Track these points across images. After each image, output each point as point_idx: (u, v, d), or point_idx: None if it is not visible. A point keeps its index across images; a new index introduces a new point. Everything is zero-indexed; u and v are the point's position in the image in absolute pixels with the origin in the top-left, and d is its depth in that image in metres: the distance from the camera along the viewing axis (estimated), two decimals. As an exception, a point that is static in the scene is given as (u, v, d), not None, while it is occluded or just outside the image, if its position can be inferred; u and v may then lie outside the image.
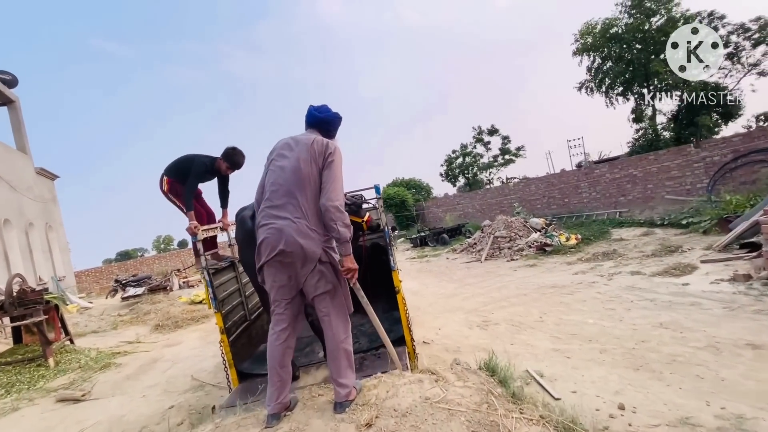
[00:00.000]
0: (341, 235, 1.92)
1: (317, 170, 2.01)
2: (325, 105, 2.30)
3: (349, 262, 2.00)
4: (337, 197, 1.96)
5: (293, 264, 1.94)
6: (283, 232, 1.93)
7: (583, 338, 3.73)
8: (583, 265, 6.79)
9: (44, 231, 10.95)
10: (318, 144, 2.06)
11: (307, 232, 1.94)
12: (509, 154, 25.25)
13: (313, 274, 1.96)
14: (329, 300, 2.01)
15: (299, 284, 1.99)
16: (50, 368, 5.02)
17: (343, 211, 1.95)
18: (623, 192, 11.08)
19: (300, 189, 2.00)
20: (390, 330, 3.17)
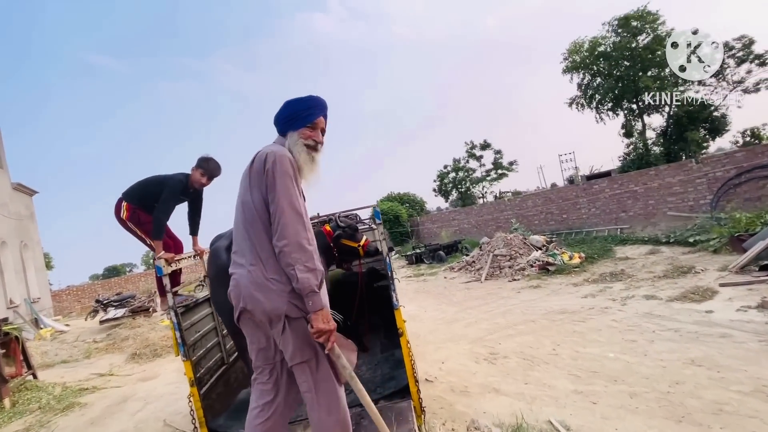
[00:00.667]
0: (302, 285, 1.43)
1: (261, 198, 1.53)
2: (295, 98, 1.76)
3: (320, 321, 1.44)
4: (291, 232, 1.46)
5: (260, 324, 1.51)
6: (240, 285, 1.51)
7: (607, 377, 3.32)
8: (590, 287, 6.42)
9: (18, 250, 10.33)
10: (257, 162, 1.57)
11: (263, 283, 1.49)
12: (502, 168, 25.21)
13: (284, 337, 1.50)
14: (309, 372, 1.53)
15: (275, 347, 1.55)
16: (5, 410, 4.46)
17: (303, 248, 1.46)
18: (624, 208, 10.85)
19: (252, 226, 1.54)
20: (391, 377, 2.74)
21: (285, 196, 1.48)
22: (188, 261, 2.85)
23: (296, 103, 1.72)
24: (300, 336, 1.49)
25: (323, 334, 1.45)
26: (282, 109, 1.73)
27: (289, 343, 1.50)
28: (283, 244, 1.44)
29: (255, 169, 1.55)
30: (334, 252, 3.49)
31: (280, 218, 1.46)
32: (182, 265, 2.72)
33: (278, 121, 1.74)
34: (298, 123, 1.70)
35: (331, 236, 3.44)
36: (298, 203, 1.51)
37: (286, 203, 1.48)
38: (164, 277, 2.32)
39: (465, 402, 3.23)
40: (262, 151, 1.60)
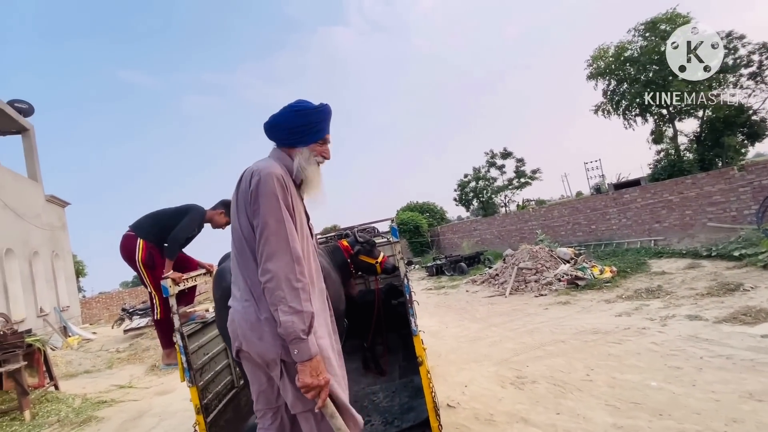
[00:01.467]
0: (285, 330, 1.21)
1: (248, 223, 1.33)
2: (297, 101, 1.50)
3: (307, 375, 1.22)
4: (275, 265, 1.24)
5: (254, 366, 1.35)
6: (234, 323, 1.35)
7: (650, 410, 2.98)
8: (625, 305, 5.99)
9: (50, 259, 10.70)
10: (243, 182, 1.36)
11: (255, 324, 1.31)
12: (524, 176, 24.59)
13: (283, 382, 1.31)
14: (314, 422, 1.33)
15: (276, 389, 1.38)
16: (25, 422, 4.47)
17: (290, 285, 1.23)
18: (658, 218, 10.24)
19: (241, 256, 1.37)
20: (410, 407, 2.53)
21: (269, 222, 1.26)
22: (200, 278, 2.75)
23: (311, 114, 1.45)
24: (296, 387, 1.29)
25: (311, 389, 1.23)
26: (291, 118, 1.45)
27: (288, 389, 1.31)
28: (266, 279, 1.23)
29: (242, 189, 1.35)
30: (351, 268, 3.33)
31: (264, 248, 1.26)
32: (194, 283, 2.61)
33: (282, 130, 1.47)
34: (311, 137, 1.47)
35: (349, 252, 3.28)
36: (285, 229, 1.28)
37: (271, 230, 1.26)
38: (172, 298, 2.21)
39: (491, 433, 2.97)
40: (250, 169, 1.39)
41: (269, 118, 1.49)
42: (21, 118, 10.72)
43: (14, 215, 9.04)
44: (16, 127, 10.79)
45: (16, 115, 10.47)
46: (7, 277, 8.26)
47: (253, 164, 1.42)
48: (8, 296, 8.23)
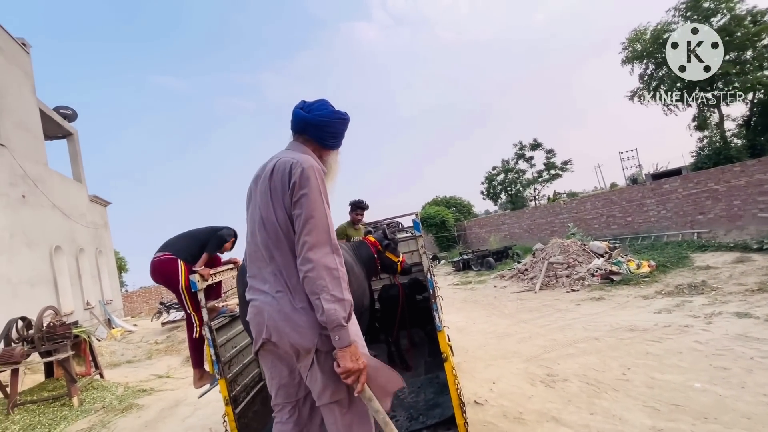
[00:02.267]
0: (327, 317, 1.22)
1: (285, 215, 1.34)
2: (321, 100, 1.55)
3: (348, 360, 1.24)
4: (317, 255, 1.26)
5: (289, 355, 1.33)
6: (263, 314, 1.34)
7: (694, 413, 2.80)
8: (665, 301, 5.67)
9: (94, 256, 11.37)
10: (279, 173, 1.36)
11: (290, 314, 1.30)
12: (555, 168, 23.72)
13: (312, 373, 1.31)
14: (339, 414, 1.33)
15: (300, 382, 1.38)
16: (73, 408, 4.78)
17: (331, 274, 1.26)
18: (701, 209, 9.61)
19: (277, 249, 1.35)
20: (436, 403, 2.49)
21: (314, 214, 1.29)
22: (227, 273, 2.81)
23: (347, 123, 1.57)
24: (331, 372, 1.30)
25: (352, 374, 1.25)
26: (336, 123, 1.52)
27: (318, 380, 1.31)
28: (308, 269, 1.25)
29: (278, 180, 1.35)
30: (377, 264, 3.30)
31: (306, 238, 1.27)
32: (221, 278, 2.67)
33: (325, 131, 1.51)
34: (339, 142, 1.58)
35: (377, 247, 3.25)
36: (328, 222, 1.33)
37: (315, 222, 1.29)
38: (200, 292, 2.27)
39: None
40: (284, 160, 1.38)
41: (310, 115, 1.50)
42: (66, 123, 11.41)
43: (62, 215, 9.66)
44: (62, 132, 11.50)
45: (62, 120, 11.16)
46: (57, 272, 8.85)
47: (283, 155, 1.43)
48: (58, 290, 8.82)
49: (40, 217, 8.71)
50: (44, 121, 9.96)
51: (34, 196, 8.58)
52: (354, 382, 1.26)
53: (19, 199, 8.04)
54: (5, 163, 7.79)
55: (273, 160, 1.43)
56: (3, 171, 7.69)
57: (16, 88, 8.79)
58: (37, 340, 4.89)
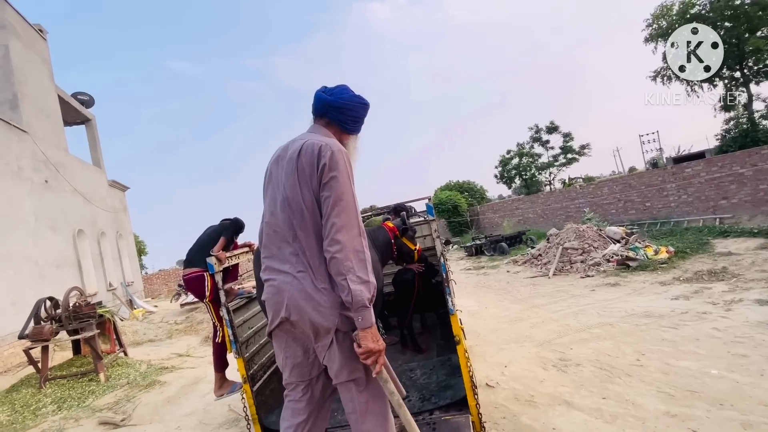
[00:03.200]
0: (354, 297, 1.24)
1: (312, 196, 1.36)
2: (342, 86, 1.57)
3: (369, 340, 1.26)
4: (346, 237, 1.29)
5: (306, 335, 1.35)
6: (283, 293, 1.35)
7: (710, 399, 2.77)
8: (683, 287, 5.57)
9: (115, 239, 11.72)
10: (307, 155, 1.37)
11: (312, 294, 1.32)
12: (572, 152, 23.16)
13: (330, 352, 1.33)
14: (357, 390, 1.36)
15: (316, 361, 1.40)
16: (100, 383, 5.01)
17: (358, 256, 1.28)
18: (725, 194, 9.30)
19: (302, 229, 1.36)
20: (448, 385, 2.52)
21: (343, 197, 1.32)
22: (243, 256, 2.87)
23: (366, 107, 1.59)
24: (349, 352, 1.33)
25: (372, 354, 1.27)
26: (359, 108, 1.55)
27: (336, 359, 1.33)
28: (335, 250, 1.27)
29: (306, 162, 1.36)
30: (393, 249, 3.31)
31: (335, 220, 1.29)
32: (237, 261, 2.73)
33: (348, 115, 1.54)
34: (359, 127, 1.60)
35: (395, 233, 3.26)
36: (355, 204, 1.35)
37: (344, 204, 1.31)
38: (218, 275, 2.33)
39: (531, 414, 2.91)
40: (311, 142, 1.40)
41: (333, 97, 1.52)
42: (84, 109, 11.61)
43: (83, 199, 9.94)
44: (80, 118, 11.73)
45: (80, 106, 11.36)
46: (80, 255, 9.18)
47: (308, 138, 1.44)
48: (82, 272, 9.17)
49: (63, 202, 8.98)
50: (63, 107, 10.15)
51: (56, 181, 8.83)
52: (373, 363, 1.28)
53: (43, 184, 8.29)
54: (28, 149, 8.01)
55: (298, 142, 1.44)
56: (26, 157, 7.91)
57: (35, 74, 8.96)
58: (65, 319, 5.11)
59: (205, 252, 2.68)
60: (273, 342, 1.46)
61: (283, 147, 1.50)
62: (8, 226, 6.95)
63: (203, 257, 2.61)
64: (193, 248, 2.84)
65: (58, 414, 4.40)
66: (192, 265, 2.76)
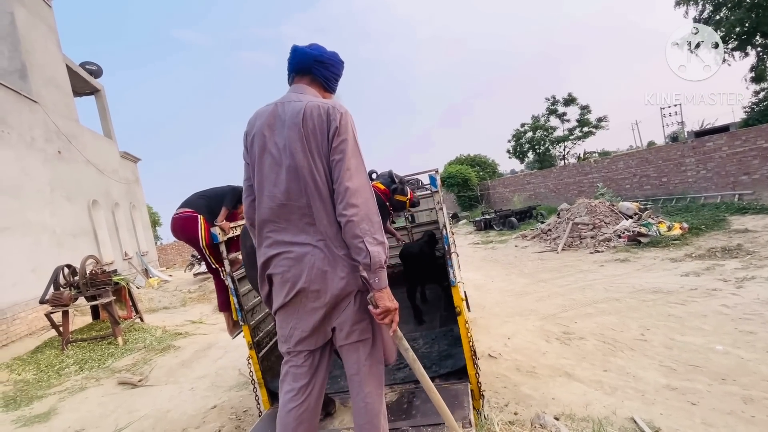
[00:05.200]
0: (373, 259, 1.25)
1: (322, 161, 1.32)
2: (315, 44, 1.50)
3: (386, 299, 1.29)
4: (361, 200, 1.28)
5: (321, 306, 1.34)
6: (302, 263, 1.32)
7: (712, 374, 2.78)
8: (694, 264, 5.48)
9: (129, 210, 11.95)
10: (314, 118, 1.32)
11: (335, 259, 1.32)
12: (588, 125, 22.43)
13: (346, 313, 1.35)
14: (363, 352, 1.38)
15: (328, 331, 1.40)
16: (119, 347, 5.25)
17: (372, 219, 1.29)
18: (747, 169, 8.96)
19: (314, 196, 1.33)
20: (449, 354, 2.57)
21: (357, 160, 1.32)
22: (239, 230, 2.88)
23: (343, 65, 1.54)
24: (362, 313, 1.36)
25: (389, 313, 1.30)
26: (339, 65, 1.51)
27: (349, 320, 1.35)
28: (351, 213, 1.26)
29: (314, 126, 1.31)
30: (390, 210, 3.28)
31: (348, 184, 1.28)
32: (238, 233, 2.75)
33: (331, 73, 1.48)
34: (336, 86, 1.55)
35: (387, 194, 3.20)
36: (365, 167, 1.35)
37: (356, 167, 1.31)
38: (221, 245, 2.35)
39: (532, 384, 2.97)
40: (314, 104, 1.34)
41: (318, 51, 1.45)
42: (92, 79, 11.56)
43: (96, 170, 10.08)
44: (89, 89, 11.70)
45: (88, 76, 11.31)
46: (96, 225, 9.41)
47: (304, 99, 1.37)
48: (98, 241, 9.43)
49: (76, 173, 9.12)
50: (71, 77, 10.11)
51: (69, 152, 8.93)
52: (390, 321, 1.31)
53: (56, 154, 8.40)
54: (39, 120, 8.07)
55: (294, 104, 1.36)
56: (38, 127, 7.98)
57: (42, 43, 8.88)
58: (82, 286, 5.30)
59: (206, 201, 2.56)
60: (279, 316, 1.42)
61: (268, 111, 1.40)
62: (25, 195, 7.12)
63: (201, 204, 2.53)
64: (192, 195, 2.69)
65: (80, 374, 4.66)
66: (187, 206, 2.57)
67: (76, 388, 4.26)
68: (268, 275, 1.41)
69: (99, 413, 3.66)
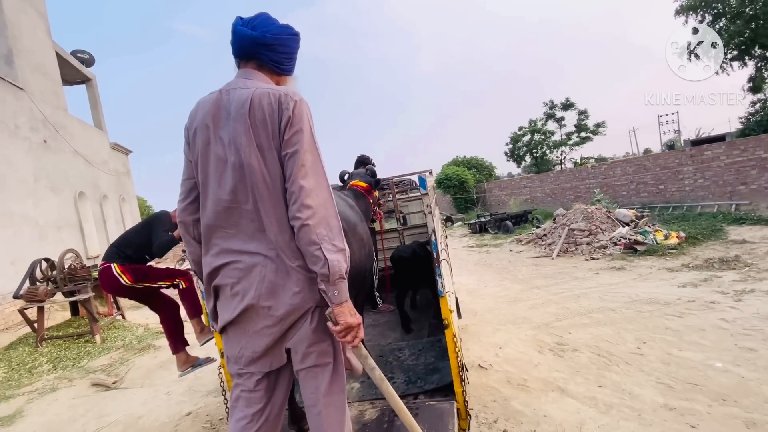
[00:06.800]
0: (332, 269, 1.08)
1: (275, 158, 1.14)
2: (263, 14, 1.27)
3: (347, 315, 1.13)
4: (318, 200, 1.11)
5: (273, 325, 1.16)
6: (252, 276, 1.14)
7: (712, 394, 2.64)
8: (691, 275, 5.37)
9: (118, 203, 11.70)
10: (262, 107, 1.13)
11: (288, 271, 1.14)
12: (586, 131, 22.42)
13: (301, 332, 1.17)
14: (322, 380, 1.21)
15: (283, 353, 1.21)
16: (96, 345, 5.05)
17: (331, 222, 1.12)
18: (744, 179, 8.89)
19: (264, 197, 1.14)
20: (435, 368, 2.41)
21: (311, 155, 1.14)
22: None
23: (297, 38, 1.32)
24: (320, 333, 1.19)
25: (350, 330, 1.14)
26: (290, 42, 1.28)
27: (305, 340, 1.17)
28: (306, 216, 1.08)
29: (263, 116, 1.12)
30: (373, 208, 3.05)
31: (303, 183, 1.10)
32: None
33: (280, 53, 1.27)
34: (294, 65, 1.35)
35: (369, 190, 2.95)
36: (321, 162, 1.17)
37: (312, 163, 1.13)
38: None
39: (523, 399, 2.82)
40: (263, 91, 1.15)
41: (259, 32, 1.22)
42: (83, 68, 11.30)
43: (84, 161, 9.83)
44: (80, 77, 11.43)
45: (79, 65, 11.04)
46: (82, 218, 9.16)
47: (252, 86, 1.18)
48: (84, 234, 9.18)
49: (63, 163, 8.87)
50: (61, 65, 9.86)
51: (56, 141, 8.69)
52: (353, 338, 1.15)
53: (41, 144, 8.15)
54: (25, 107, 7.82)
55: (239, 92, 1.17)
56: (23, 115, 7.74)
57: (31, 28, 8.63)
58: (60, 281, 5.09)
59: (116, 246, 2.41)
60: (227, 333, 1.24)
61: (212, 101, 1.21)
62: (6, 185, 6.88)
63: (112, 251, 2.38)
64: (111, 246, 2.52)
65: (52, 373, 4.45)
66: (107, 259, 2.43)
67: (47, 389, 4.06)
68: (214, 287, 1.22)
69: (67, 417, 3.48)
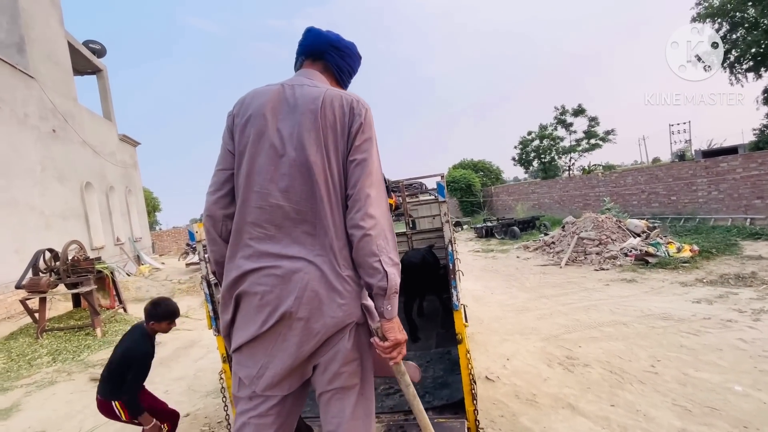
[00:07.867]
0: (389, 282, 1.03)
1: (338, 160, 1.09)
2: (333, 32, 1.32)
3: (397, 330, 1.07)
4: (380, 211, 1.07)
5: (306, 341, 1.05)
6: (292, 282, 1.04)
7: (732, 419, 2.52)
8: (705, 290, 5.21)
9: (124, 195, 11.71)
10: (334, 108, 1.09)
11: (335, 283, 1.05)
12: (596, 137, 22.17)
13: (336, 350, 1.07)
14: (349, 403, 1.10)
15: (307, 371, 1.11)
16: (97, 338, 5.01)
17: (388, 237, 1.07)
18: (760, 193, 8.68)
19: (321, 199, 1.08)
20: (445, 383, 2.31)
21: (378, 165, 1.12)
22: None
23: (360, 60, 1.35)
24: (355, 352, 1.10)
25: (399, 346, 1.09)
26: (355, 54, 1.32)
27: (339, 360, 1.08)
28: (370, 226, 1.04)
29: (334, 118, 1.09)
30: None
31: (369, 191, 1.06)
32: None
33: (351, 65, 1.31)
34: (350, 82, 1.36)
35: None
36: (382, 172, 1.16)
37: (377, 174, 1.10)
38: (198, 244, 2.10)
39: (532, 415, 2.71)
40: (335, 93, 1.13)
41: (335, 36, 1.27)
42: (95, 58, 11.31)
43: (92, 152, 9.83)
44: (91, 68, 11.45)
45: (91, 55, 11.06)
46: (87, 208, 9.17)
47: (320, 86, 1.16)
48: (89, 225, 9.18)
49: (71, 153, 8.87)
50: (73, 55, 9.87)
51: (64, 131, 8.68)
52: (398, 354, 1.09)
53: (50, 133, 8.15)
54: (35, 96, 7.82)
55: (309, 89, 1.14)
56: (33, 104, 7.73)
57: (44, 17, 8.63)
58: (62, 272, 5.05)
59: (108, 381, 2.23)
60: (245, 352, 1.10)
61: (272, 91, 1.15)
62: (13, 173, 6.87)
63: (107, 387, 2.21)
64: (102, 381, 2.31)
65: (52, 366, 4.41)
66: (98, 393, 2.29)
67: (46, 382, 4.01)
68: (237, 295, 1.10)
69: (64, 413, 3.42)
